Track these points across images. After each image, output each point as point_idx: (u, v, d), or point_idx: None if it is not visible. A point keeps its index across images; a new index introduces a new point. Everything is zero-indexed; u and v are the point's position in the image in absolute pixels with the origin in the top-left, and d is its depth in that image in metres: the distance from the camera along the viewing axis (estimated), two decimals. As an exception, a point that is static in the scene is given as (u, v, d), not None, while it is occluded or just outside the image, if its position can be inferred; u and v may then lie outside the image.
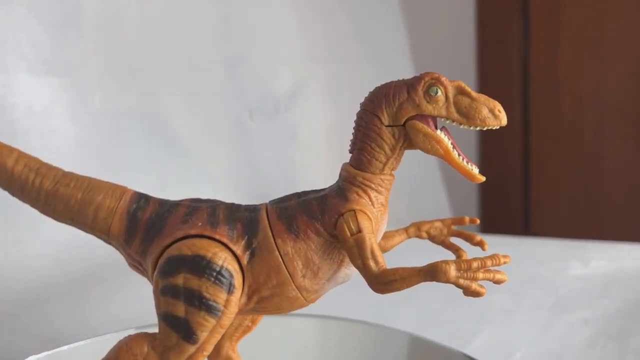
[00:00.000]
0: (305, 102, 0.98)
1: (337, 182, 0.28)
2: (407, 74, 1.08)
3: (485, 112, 0.27)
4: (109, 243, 0.28)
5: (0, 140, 0.68)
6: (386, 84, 0.27)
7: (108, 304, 0.61)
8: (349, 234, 0.25)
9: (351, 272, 0.28)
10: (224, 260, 0.25)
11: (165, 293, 0.25)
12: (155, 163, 0.84)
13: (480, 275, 0.26)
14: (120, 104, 0.80)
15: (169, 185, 0.85)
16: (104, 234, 0.28)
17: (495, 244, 0.75)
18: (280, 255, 0.26)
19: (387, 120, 0.26)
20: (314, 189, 0.29)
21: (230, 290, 0.25)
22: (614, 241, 0.77)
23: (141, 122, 0.83)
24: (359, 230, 0.25)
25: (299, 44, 0.99)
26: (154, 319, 0.56)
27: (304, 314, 0.37)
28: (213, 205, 0.27)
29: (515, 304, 0.59)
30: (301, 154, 0.98)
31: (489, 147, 1.35)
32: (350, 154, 0.27)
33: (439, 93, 0.26)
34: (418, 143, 0.26)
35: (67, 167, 0.73)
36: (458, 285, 0.26)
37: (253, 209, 0.27)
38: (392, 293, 0.27)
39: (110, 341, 0.41)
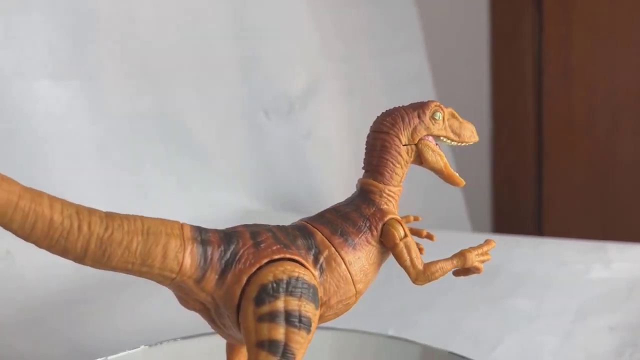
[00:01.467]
0: (319, 101, 0.98)
1: (359, 195, 0.31)
2: (422, 69, 1.08)
3: (469, 132, 0.33)
4: (172, 283, 0.26)
5: (22, 149, 0.69)
6: (396, 109, 0.32)
7: (136, 311, 0.61)
8: (398, 239, 0.29)
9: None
10: (310, 278, 0.27)
11: (263, 320, 0.26)
12: (173, 164, 0.84)
13: (485, 257, 0.32)
14: (136, 106, 0.80)
15: (186, 185, 0.85)
16: (174, 274, 0.26)
17: (511, 245, 0.76)
18: (347, 266, 0.29)
19: (404, 140, 0.31)
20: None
21: (317, 305, 0.27)
22: (630, 241, 0.77)
23: (158, 123, 0.83)
24: (406, 235, 0.30)
25: (313, 42, 0.99)
26: (185, 326, 0.57)
27: (321, 327, 0.37)
28: (267, 228, 0.29)
29: (536, 309, 0.58)
30: (316, 153, 0.98)
31: (502, 142, 1.35)
32: (366, 171, 0.32)
33: (440, 117, 0.31)
34: (428, 158, 0.31)
35: (88, 170, 0.74)
36: (475, 268, 0.32)
37: (300, 228, 0.29)
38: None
39: (145, 354, 0.41)
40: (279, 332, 0.26)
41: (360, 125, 1.08)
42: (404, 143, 0.31)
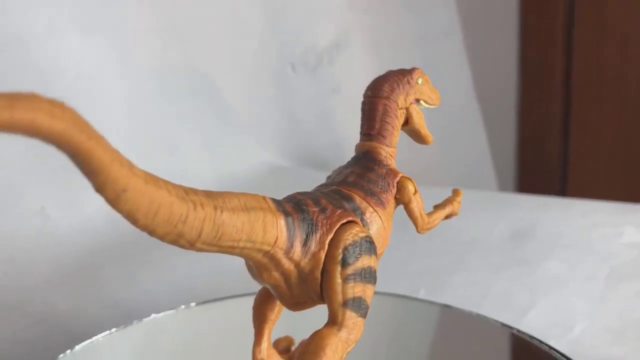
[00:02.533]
0: (347, 55, 0.96)
1: (365, 159, 0.33)
2: (452, 23, 1.06)
3: (437, 95, 0.35)
4: (264, 256, 0.26)
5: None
6: (390, 75, 0.33)
7: (170, 270, 0.62)
8: (413, 193, 0.32)
9: None
10: (371, 236, 0.29)
11: (349, 280, 0.27)
12: (200, 119, 0.84)
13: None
14: (164, 62, 0.79)
15: (213, 141, 0.85)
16: (270, 247, 0.26)
17: (542, 207, 0.75)
18: (383, 223, 0.30)
19: (400, 104, 0.33)
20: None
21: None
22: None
23: (184, 78, 0.82)
24: (416, 190, 0.32)
25: (341, -5, 0.97)
26: (215, 287, 0.57)
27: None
28: (320, 195, 0.30)
29: (568, 273, 0.58)
30: (343, 108, 0.97)
31: (529, 96, 1.32)
32: (367, 135, 0.33)
33: (422, 82, 0.34)
34: (415, 120, 0.33)
35: (118, 126, 0.74)
36: (455, 213, 0.35)
37: (337, 192, 0.31)
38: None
39: (183, 315, 0.42)
40: (360, 290, 0.27)
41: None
42: (399, 107, 0.33)
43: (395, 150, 0.34)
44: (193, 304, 0.44)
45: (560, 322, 0.50)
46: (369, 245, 0.28)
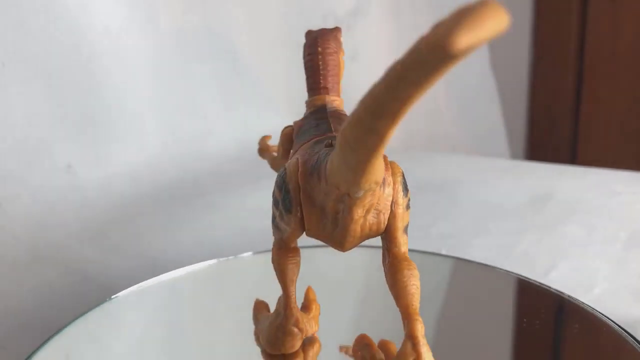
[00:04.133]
0: (366, 21, 0.96)
1: (326, 110, 0.32)
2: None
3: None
4: (374, 185, 0.25)
5: (81, 63, 0.69)
6: (329, 31, 0.34)
7: (191, 225, 0.63)
8: None
9: None
10: None
11: (407, 207, 0.28)
12: (219, 81, 0.84)
13: None
14: (185, 24, 0.79)
15: (233, 105, 0.85)
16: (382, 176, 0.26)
17: (561, 174, 0.76)
18: None
19: (341, 59, 0.34)
20: None
21: None
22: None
23: (206, 41, 0.82)
24: None
25: (361, -40, 0.96)
26: (243, 241, 0.58)
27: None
28: None
29: (587, 237, 0.59)
30: (361, 74, 0.97)
31: (542, 68, 1.32)
32: (322, 88, 0.33)
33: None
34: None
35: (141, 85, 0.74)
36: None
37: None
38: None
39: (209, 268, 0.43)
40: (408, 216, 0.28)
41: (407, 47, 1.06)
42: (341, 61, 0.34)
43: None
44: (221, 259, 0.44)
45: (580, 282, 0.51)
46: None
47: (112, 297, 0.38)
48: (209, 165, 0.76)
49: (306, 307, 0.33)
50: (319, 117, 0.32)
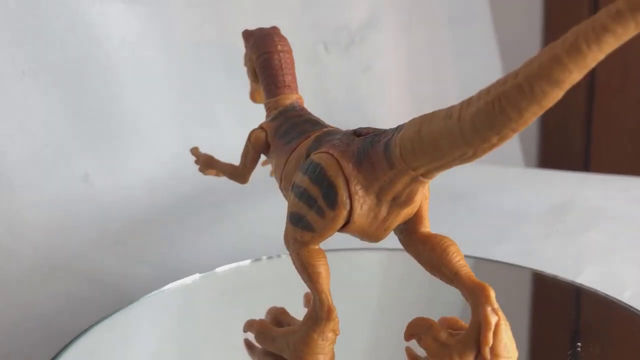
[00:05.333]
0: (379, 34, 0.96)
1: (302, 108, 0.33)
2: (482, 5, 1.05)
3: None
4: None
5: (97, 73, 0.69)
6: (274, 30, 0.36)
7: (206, 234, 0.62)
8: None
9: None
10: None
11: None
12: (233, 92, 0.84)
13: None
14: (202, 36, 0.79)
15: (246, 115, 0.85)
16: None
17: (582, 181, 0.75)
18: None
19: None
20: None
21: None
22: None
23: (221, 53, 0.83)
24: None
25: (374, -26, 0.97)
26: (251, 248, 0.57)
27: (370, 247, 0.36)
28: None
29: (613, 242, 0.59)
30: (374, 87, 0.97)
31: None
32: (287, 87, 0.34)
33: None
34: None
35: (157, 98, 0.74)
36: None
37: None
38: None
39: (223, 275, 0.43)
40: None
41: (419, 60, 1.08)
42: None
43: None
44: (240, 262, 0.44)
45: (609, 287, 0.50)
46: None
47: (131, 303, 0.38)
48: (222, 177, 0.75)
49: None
50: (296, 115, 0.32)
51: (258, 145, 0.33)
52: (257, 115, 0.87)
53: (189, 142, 0.81)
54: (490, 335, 0.23)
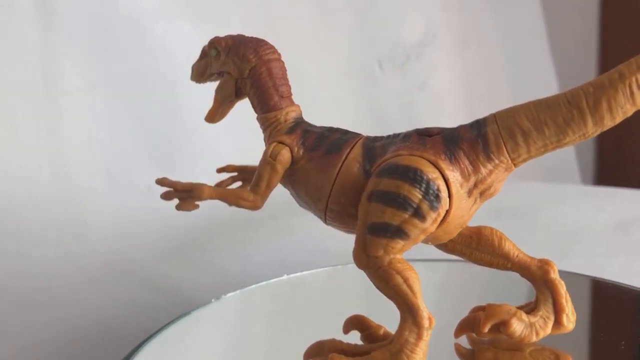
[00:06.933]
0: (434, 52, 0.97)
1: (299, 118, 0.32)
2: (537, 22, 1.05)
3: None
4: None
5: (165, 87, 0.71)
6: (261, 39, 0.35)
7: (268, 245, 0.63)
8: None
9: None
10: None
11: None
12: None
13: None
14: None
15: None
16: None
17: (636, 197, 0.73)
18: None
19: None
20: None
21: None
22: None
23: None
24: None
25: (429, -8, 0.98)
26: (316, 259, 0.58)
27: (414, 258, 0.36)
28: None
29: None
30: (428, 105, 0.97)
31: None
32: (288, 97, 0.33)
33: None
34: None
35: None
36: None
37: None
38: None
39: (285, 283, 0.43)
40: None
41: (474, 77, 1.07)
42: None
43: None
44: (297, 274, 0.45)
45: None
46: None
47: (195, 309, 0.38)
48: (282, 188, 0.76)
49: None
50: (313, 126, 0.31)
51: (286, 163, 0.30)
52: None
53: (247, 155, 0.82)
54: (564, 302, 0.27)
